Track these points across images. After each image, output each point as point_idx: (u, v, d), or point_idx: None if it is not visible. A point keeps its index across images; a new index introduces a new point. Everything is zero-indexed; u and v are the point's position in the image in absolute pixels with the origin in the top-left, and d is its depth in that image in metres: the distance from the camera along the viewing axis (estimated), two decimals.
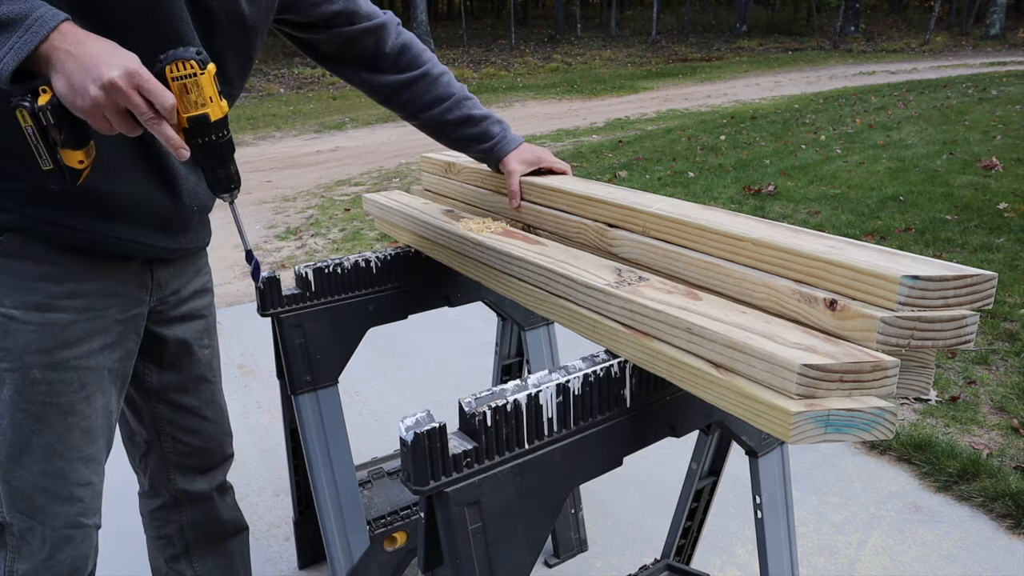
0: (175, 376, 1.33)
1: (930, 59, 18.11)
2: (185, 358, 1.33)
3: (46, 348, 1.06)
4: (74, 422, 1.11)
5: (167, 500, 1.43)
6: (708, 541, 2.04)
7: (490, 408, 0.93)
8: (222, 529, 1.51)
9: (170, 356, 1.31)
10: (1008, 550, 1.98)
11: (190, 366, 1.35)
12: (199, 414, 1.39)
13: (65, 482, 1.12)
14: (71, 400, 1.10)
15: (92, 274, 1.09)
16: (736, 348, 0.88)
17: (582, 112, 11.13)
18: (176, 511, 1.45)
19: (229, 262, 4.64)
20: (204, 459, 1.43)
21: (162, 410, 1.35)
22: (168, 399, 1.34)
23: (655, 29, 25.32)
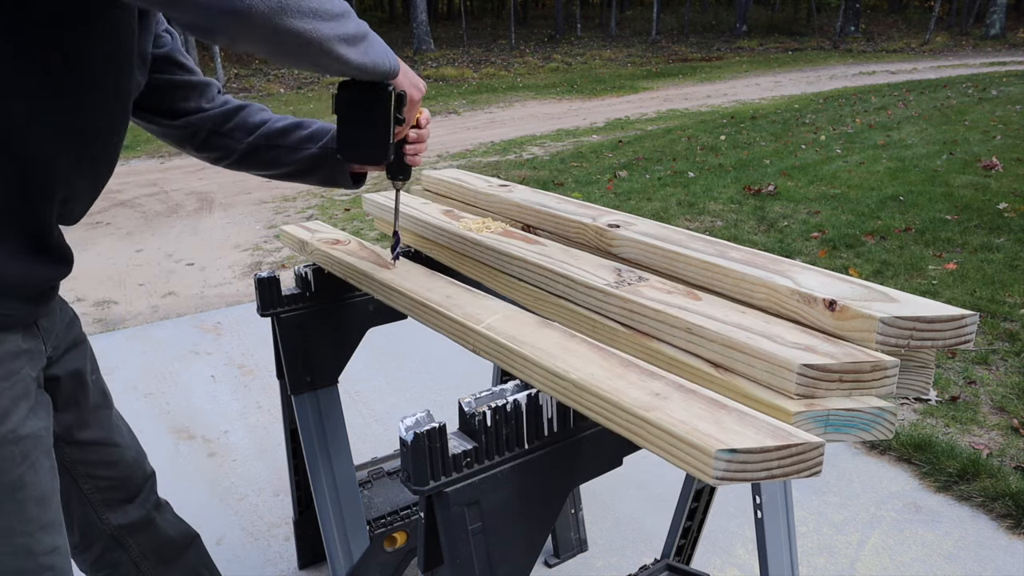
0: (73, 414, 1.25)
1: (930, 59, 18.12)
2: (79, 391, 1.25)
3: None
4: (25, 496, 1.05)
5: (107, 543, 1.36)
6: (708, 541, 2.04)
7: (490, 408, 0.93)
8: (173, 547, 1.44)
9: (64, 395, 1.22)
10: (1008, 550, 1.98)
11: (84, 398, 1.26)
12: (109, 443, 1.31)
13: (32, 555, 1.06)
14: (18, 474, 1.03)
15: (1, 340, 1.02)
16: (736, 348, 0.88)
17: (582, 112, 11.14)
18: (121, 550, 1.37)
19: (229, 262, 4.65)
20: (128, 488, 1.36)
21: (71, 453, 1.26)
22: (73, 440, 1.26)
23: (655, 29, 25.32)
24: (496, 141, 8.71)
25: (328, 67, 0.97)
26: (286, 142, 1.32)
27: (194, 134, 1.29)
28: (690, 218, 5.20)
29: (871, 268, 4.01)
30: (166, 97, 1.24)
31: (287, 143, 1.32)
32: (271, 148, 1.32)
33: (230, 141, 1.31)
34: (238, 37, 0.86)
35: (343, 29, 0.95)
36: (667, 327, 0.97)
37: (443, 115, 11.42)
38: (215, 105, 1.30)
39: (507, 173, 6.80)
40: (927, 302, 0.91)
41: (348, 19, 0.96)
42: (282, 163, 1.34)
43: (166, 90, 1.23)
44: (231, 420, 2.79)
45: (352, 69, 1.00)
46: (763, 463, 0.74)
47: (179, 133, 1.29)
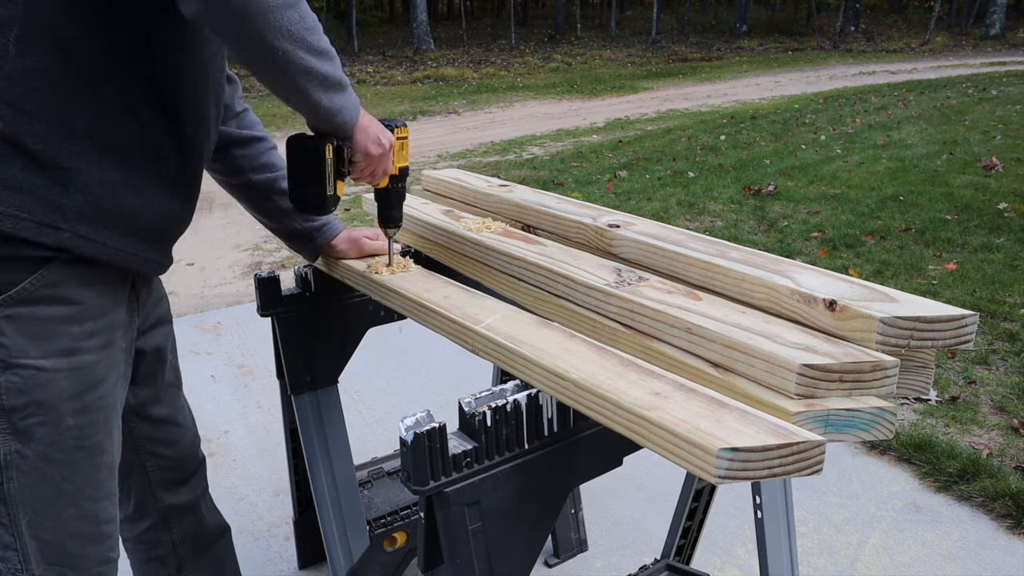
0: (150, 389, 1.31)
1: (930, 59, 18.12)
2: (158, 367, 1.32)
3: (77, 393, 1.05)
4: (101, 461, 1.10)
5: (155, 520, 1.40)
6: (708, 541, 2.04)
7: (490, 408, 0.93)
8: (209, 535, 1.49)
9: (145, 369, 1.29)
10: (1008, 550, 1.98)
11: (162, 375, 1.33)
12: (174, 423, 1.37)
13: (96, 522, 1.11)
14: (98, 440, 1.09)
15: (101, 308, 1.08)
16: (736, 348, 0.88)
17: (582, 112, 11.14)
18: (166, 530, 1.42)
19: (229, 262, 4.65)
20: (184, 469, 1.41)
21: (141, 428, 1.32)
22: (146, 414, 1.32)
23: (655, 29, 25.32)
24: (496, 141, 8.71)
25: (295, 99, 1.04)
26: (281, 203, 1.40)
27: None
28: (690, 218, 5.20)
29: (871, 268, 4.01)
30: None
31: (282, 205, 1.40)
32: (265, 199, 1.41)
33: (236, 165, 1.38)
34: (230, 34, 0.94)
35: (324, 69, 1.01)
36: (667, 327, 0.97)
37: (443, 115, 11.43)
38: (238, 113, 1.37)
39: (507, 173, 6.80)
40: (927, 302, 0.91)
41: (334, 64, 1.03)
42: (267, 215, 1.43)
43: None
44: (231, 420, 2.79)
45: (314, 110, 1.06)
46: (765, 461, 0.74)
47: None
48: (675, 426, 0.77)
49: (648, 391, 0.85)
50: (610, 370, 0.91)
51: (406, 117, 11.08)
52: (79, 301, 1.04)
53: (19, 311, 0.99)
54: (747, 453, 0.73)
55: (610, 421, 0.86)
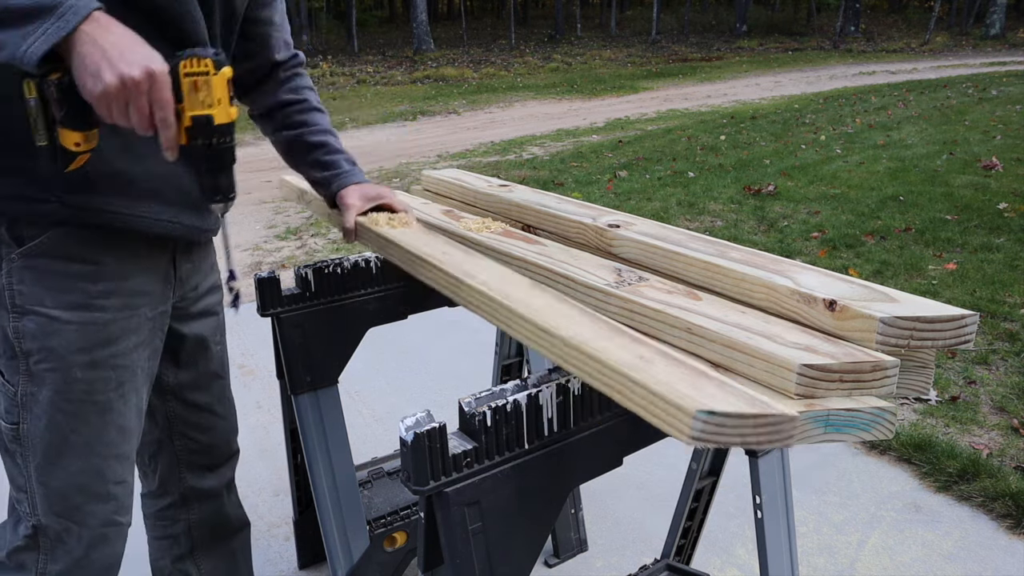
0: (191, 374, 1.34)
1: (930, 59, 18.12)
2: (201, 355, 1.35)
3: (87, 347, 1.07)
4: (111, 419, 1.12)
5: (176, 499, 1.43)
6: (708, 541, 2.04)
7: (490, 408, 0.93)
8: (227, 526, 1.51)
9: (187, 354, 1.32)
10: (1008, 550, 1.98)
11: (205, 363, 1.36)
12: (212, 411, 1.40)
13: (103, 480, 1.13)
14: (109, 398, 1.11)
15: (125, 272, 1.11)
16: (736, 348, 0.88)
17: (582, 112, 11.14)
18: (184, 509, 1.45)
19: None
20: (213, 456, 1.44)
21: (176, 408, 1.35)
22: (183, 397, 1.35)
23: (655, 29, 25.32)
24: (496, 141, 8.71)
25: None
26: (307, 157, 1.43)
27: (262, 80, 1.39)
28: (690, 218, 5.20)
29: (871, 268, 4.01)
30: None
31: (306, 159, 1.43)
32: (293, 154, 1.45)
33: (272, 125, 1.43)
34: None
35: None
36: (667, 327, 0.96)
37: (443, 115, 11.43)
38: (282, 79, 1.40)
39: (507, 173, 6.80)
40: (927, 302, 0.91)
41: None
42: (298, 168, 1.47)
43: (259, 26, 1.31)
44: None
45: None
46: (738, 428, 0.75)
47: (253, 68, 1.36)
48: (656, 386, 0.79)
49: (633, 354, 0.87)
50: (598, 333, 0.92)
51: (406, 117, 11.08)
52: (97, 261, 1.07)
53: (37, 263, 1.04)
54: (722, 418, 0.74)
55: (594, 380, 0.87)
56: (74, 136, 0.90)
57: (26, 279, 1.04)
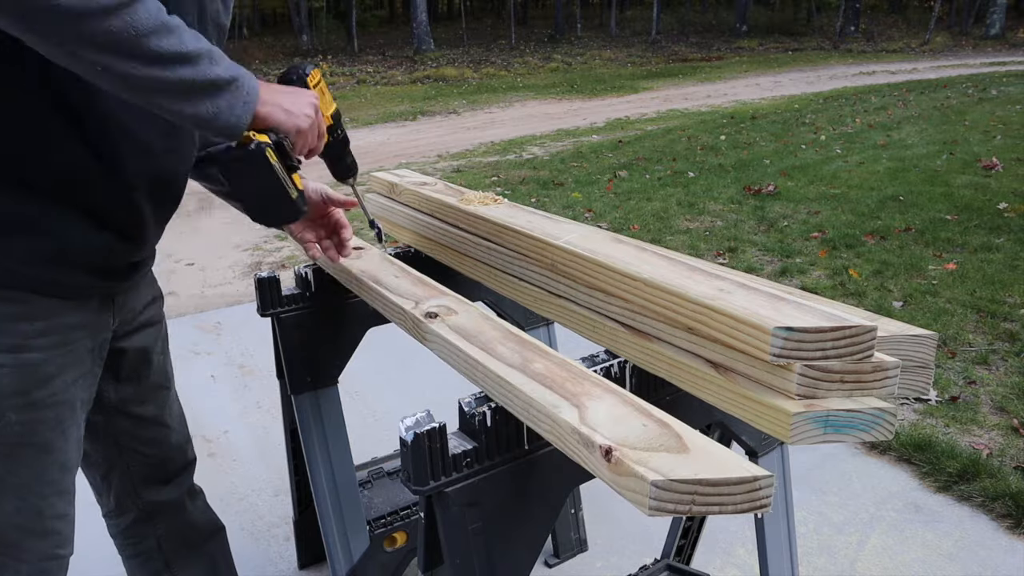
0: (133, 388, 1.29)
1: (930, 59, 18.12)
2: (143, 367, 1.29)
3: (23, 390, 1.03)
4: (52, 459, 1.08)
5: (138, 515, 1.39)
6: (708, 541, 2.04)
7: (490, 408, 0.93)
8: (198, 534, 1.48)
9: (128, 368, 1.27)
10: (1008, 550, 1.98)
11: (148, 375, 1.31)
12: (160, 423, 1.35)
13: (41, 518, 1.09)
14: (48, 438, 1.07)
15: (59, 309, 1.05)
16: (736, 348, 0.88)
17: (582, 112, 11.14)
18: (149, 525, 1.41)
19: (229, 261, 4.64)
20: (168, 468, 1.39)
21: (122, 424, 1.30)
22: (128, 412, 1.30)
23: (655, 29, 25.32)
24: (496, 141, 8.71)
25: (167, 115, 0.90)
26: None
27: None
28: (690, 218, 5.20)
29: (871, 268, 4.01)
30: None
31: None
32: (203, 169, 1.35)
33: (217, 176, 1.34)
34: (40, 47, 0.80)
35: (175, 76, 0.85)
36: (667, 327, 0.96)
37: (443, 115, 11.43)
38: None
39: (507, 173, 6.80)
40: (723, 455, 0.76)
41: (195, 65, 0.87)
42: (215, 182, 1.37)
43: None
44: (231, 420, 2.79)
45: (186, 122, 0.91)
46: (817, 343, 0.80)
47: None
48: (736, 312, 0.85)
49: (713, 288, 0.93)
50: (678, 273, 0.99)
51: (406, 117, 11.09)
52: (28, 301, 1.02)
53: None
54: (801, 333, 0.79)
55: (676, 314, 0.93)
56: (298, 180, 1.08)
57: None
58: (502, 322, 1.13)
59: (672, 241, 4.66)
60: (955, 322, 3.28)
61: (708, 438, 0.79)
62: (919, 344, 0.97)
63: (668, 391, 1.07)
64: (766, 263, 4.28)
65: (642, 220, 5.09)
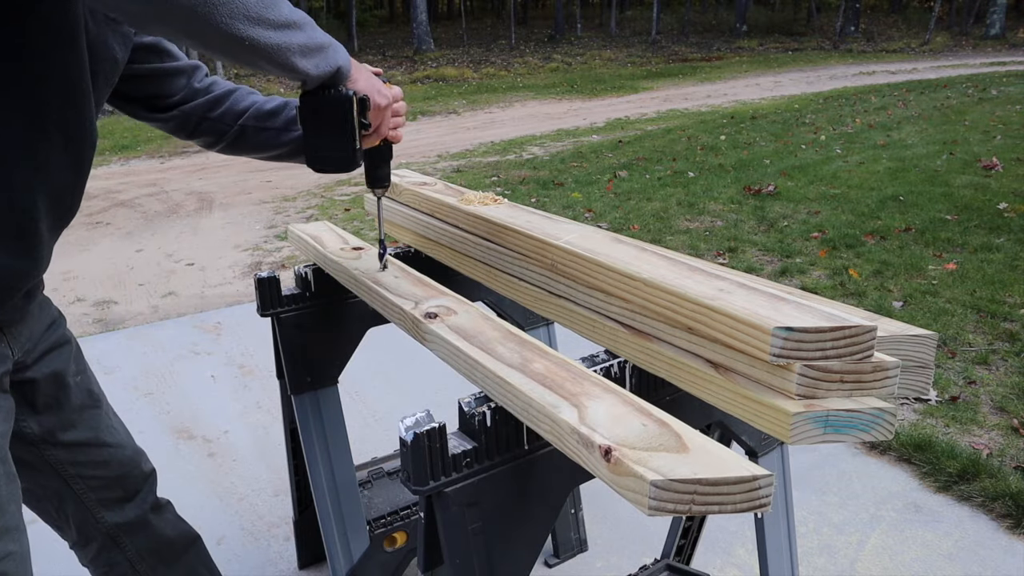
0: (56, 416, 1.22)
1: (930, 59, 18.12)
2: (60, 393, 1.22)
3: None
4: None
5: (104, 541, 1.34)
6: (708, 541, 2.04)
7: (490, 408, 0.93)
8: (172, 547, 1.43)
9: (43, 397, 1.20)
10: (1008, 550, 1.98)
11: (67, 400, 1.24)
12: (97, 443, 1.28)
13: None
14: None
15: None
16: (735, 349, 0.88)
17: (582, 112, 11.14)
18: (117, 549, 1.36)
19: (229, 261, 4.64)
20: (125, 486, 1.34)
21: (57, 455, 1.24)
22: (58, 441, 1.23)
23: (655, 29, 25.32)
24: (496, 141, 8.71)
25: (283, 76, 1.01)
26: (275, 123, 1.32)
27: (185, 122, 1.30)
28: (690, 218, 5.20)
29: (871, 268, 4.01)
30: (154, 84, 1.25)
31: (276, 124, 1.32)
32: (261, 130, 1.33)
33: (220, 125, 1.31)
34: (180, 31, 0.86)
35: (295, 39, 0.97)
36: (667, 327, 0.96)
37: (443, 115, 11.43)
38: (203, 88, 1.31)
39: (507, 173, 6.80)
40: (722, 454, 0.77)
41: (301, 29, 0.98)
42: (272, 145, 1.34)
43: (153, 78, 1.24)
44: (231, 420, 2.79)
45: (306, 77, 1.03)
46: (817, 343, 0.80)
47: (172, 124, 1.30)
48: (735, 312, 0.84)
49: (712, 288, 0.93)
50: (678, 273, 0.99)
51: (406, 117, 11.09)
52: None
53: None
54: (800, 333, 0.79)
55: (675, 314, 0.93)
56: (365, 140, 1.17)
57: None
58: (502, 322, 1.12)
59: (672, 241, 4.66)
60: (955, 322, 3.28)
61: (707, 437, 0.79)
62: (919, 344, 0.97)
63: (668, 391, 1.07)
64: (766, 263, 4.28)
65: (642, 220, 5.09)
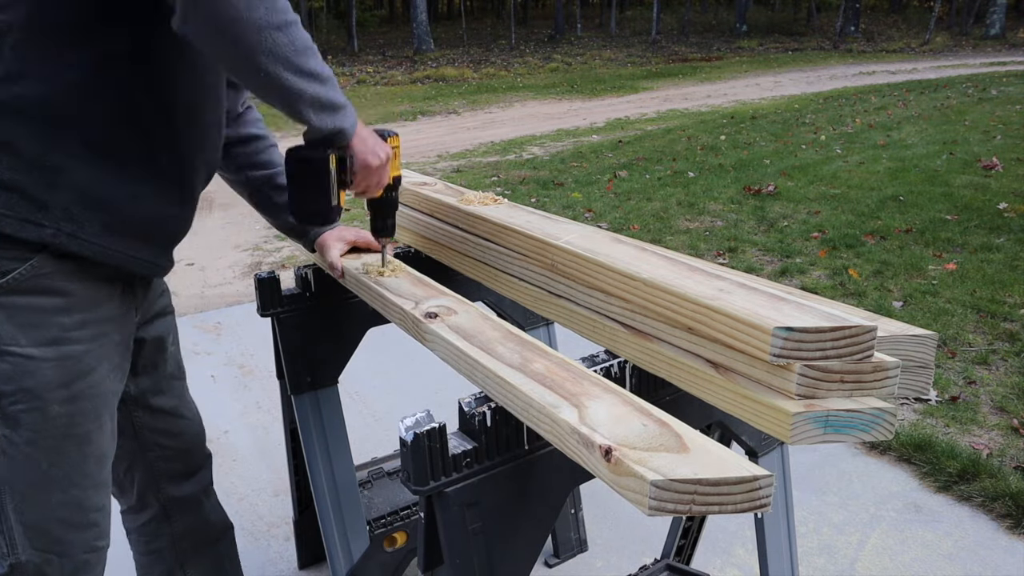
0: (150, 379, 1.33)
1: (930, 59, 18.12)
2: (159, 357, 1.34)
3: (65, 382, 1.07)
4: (90, 451, 1.12)
5: (156, 512, 1.42)
6: (708, 541, 2.04)
7: (490, 408, 0.94)
8: (210, 532, 1.50)
9: (145, 359, 1.31)
10: (1008, 550, 1.98)
11: (163, 365, 1.35)
12: (177, 414, 1.39)
13: (82, 510, 1.13)
14: (87, 430, 1.11)
15: (95, 300, 1.10)
16: (735, 348, 0.88)
17: (582, 112, 11.14)
18: (166, 522, 1.43)
19: (229, 261, 4.64)
20: (189, 461, 1.43)
21: (142, 417, 1.34)
22: (147, 404, 1.34)
23: (655, 29, 25.32)
24: (496, 141, 8.71)
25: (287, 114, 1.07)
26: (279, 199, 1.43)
27: None
28: (690, 218, 5.20)
29: (871, 268, 4.01)
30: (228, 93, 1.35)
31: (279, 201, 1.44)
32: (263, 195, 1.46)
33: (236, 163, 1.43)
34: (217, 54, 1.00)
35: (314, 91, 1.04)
36: (667, 327, 0.96)
37: (443, 115, 11.43)
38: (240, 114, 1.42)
39: (507, 173, 6.80)
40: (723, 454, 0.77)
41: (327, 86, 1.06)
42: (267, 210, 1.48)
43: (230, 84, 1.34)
44: (231, 420, 2.79)
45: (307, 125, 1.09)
46: (817, 343, 0.79)
47: None
48: (735, 312, 0.84)
49: (713, 288, 0.93)
50: (677, 273, 0.99)
51: (406, 117, 11.10)
52: (69, 293, 1.06)
53: (9, 300, 1.02)
54: (801, 333, 0.79)
55: (676, 315, 0.93)
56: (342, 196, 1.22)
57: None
58: (502, 322, 1.13)
59: (672, 241, 4.66)
60: (955, 322, 3.28)
61: (708, 438, 0.79)
62: (919, 344, 0.97)
63: (668, 391, 1.07)
64: (766, 263, 4.28)
65: (642, 220, 5.09)
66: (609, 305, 1.06)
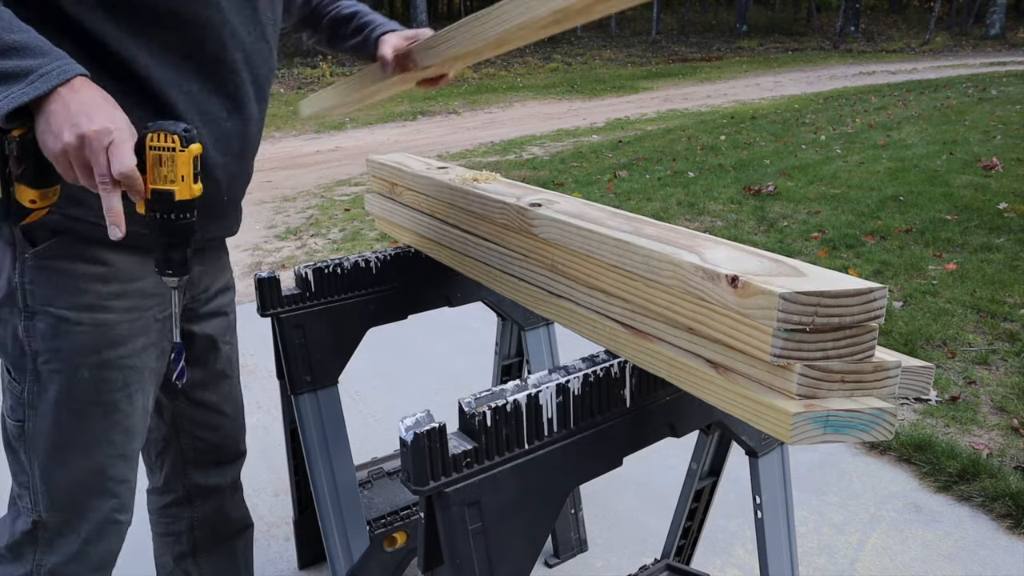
0: (199, 372, 1.35)
1: (930, 59, 18.12)
2: (210, 354, 1.36)
3: (96, 348, 1.09)
4: (116, 420, 1.14)
5: (180, 495, 1.45)
6: (708, 541, 2.04)
7: (490, 408, 0.93)
8: (230, 526, 1.52)
9: (196, 352, 1.33)
10: (1008, 550, 1.98)
11: (214, 362, 1.37)
12: (219, 410, 1.41)
13: (105, 478, 1.16)
14: (115, 399, 1.13)
15: (136, 274, 1.12)
16: (734, 349, 0.88)
17: (582, 112, 11.14)
18: (187, 507, 1.46)
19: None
20: (220, 454, 1.45)
21: (183, 407, 1.37)
22: (190, 396, 1.36)
23: (655, 29, 25.31)
24: (496, 141, 8.71)
25: None
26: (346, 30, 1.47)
27: None
28: (690, 218, 5.20)
29: (871, 268, 4.01)
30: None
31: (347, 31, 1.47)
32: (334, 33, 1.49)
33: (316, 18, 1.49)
34: None
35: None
36: (667, 327, 0.96)
37: (443, 115, 11.43)
38: None
39: (507, 173, 6.80)
40: (836, 276, 0.86)
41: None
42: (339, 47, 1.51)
43: None
44: None
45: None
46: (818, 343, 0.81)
47: None
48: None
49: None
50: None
51: (406, 117, 11.08)
52: (109, 263, 1.08)
53: (49, 263, 1.05)
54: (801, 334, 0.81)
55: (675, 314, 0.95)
56: (30, 193, 0.91)
57: (38, 279, 1.05)
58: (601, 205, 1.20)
59: None
60: (955, 322, 3.28)
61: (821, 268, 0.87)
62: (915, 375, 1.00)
63: (668, 391, 1.07)
64: None
65: None
66: (609, 305, 1.06)
